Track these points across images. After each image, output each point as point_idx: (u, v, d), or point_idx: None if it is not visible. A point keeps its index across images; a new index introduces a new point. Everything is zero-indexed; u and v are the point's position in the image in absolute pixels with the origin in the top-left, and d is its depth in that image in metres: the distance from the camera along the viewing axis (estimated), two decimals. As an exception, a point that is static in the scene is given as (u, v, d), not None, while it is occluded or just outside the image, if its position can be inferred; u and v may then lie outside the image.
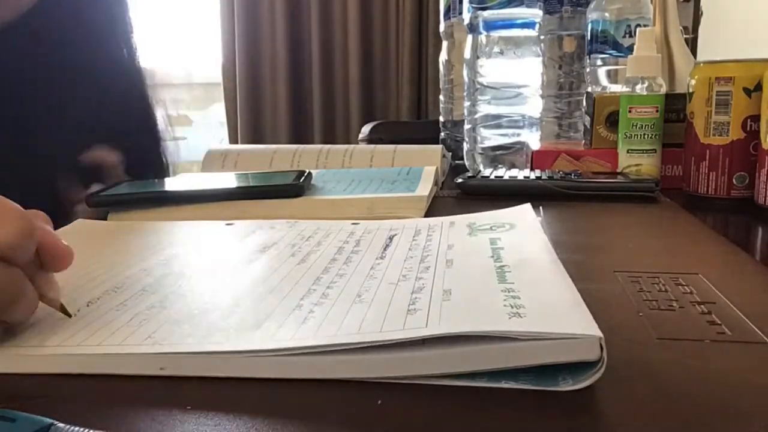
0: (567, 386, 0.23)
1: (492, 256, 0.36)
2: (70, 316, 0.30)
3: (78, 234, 0.49)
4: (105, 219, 0.55)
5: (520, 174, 0.65)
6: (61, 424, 0.20)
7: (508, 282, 0.30)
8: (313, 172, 0.65)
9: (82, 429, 0.20)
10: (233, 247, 0.42)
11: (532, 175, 0.64)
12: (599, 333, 0.23)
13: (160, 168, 0.73)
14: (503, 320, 0.25)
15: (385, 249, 0.40)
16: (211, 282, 0.35)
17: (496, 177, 0.64)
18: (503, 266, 0.33)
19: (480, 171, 0.68)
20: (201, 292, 0.33)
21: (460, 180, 0.65)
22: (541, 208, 0.47)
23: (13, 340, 0.28)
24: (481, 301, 0.28)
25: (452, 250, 0.38)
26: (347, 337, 0.25)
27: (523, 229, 0.42)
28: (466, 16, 0.79)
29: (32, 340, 0.28)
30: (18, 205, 0.28)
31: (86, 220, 0.53)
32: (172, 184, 0.63)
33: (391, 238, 0.42)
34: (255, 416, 0.23)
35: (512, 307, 0.26)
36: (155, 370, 0.26)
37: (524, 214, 0.46)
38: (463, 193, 0.64)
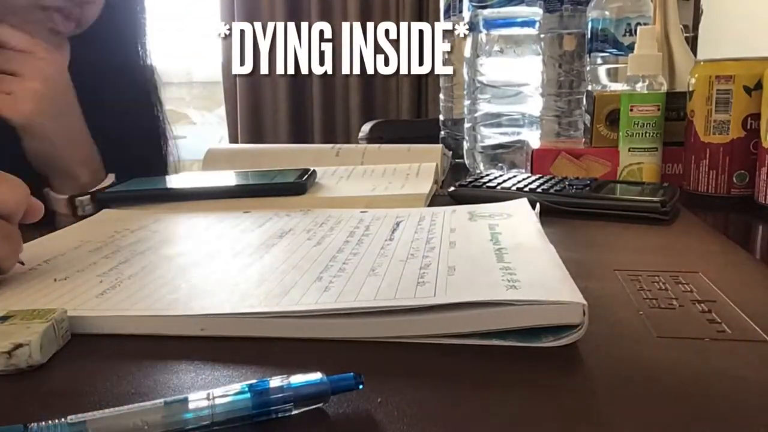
0: (549, 343, 0.26)
1: (491, 240, 0.38)
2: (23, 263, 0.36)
3: (105, 221, 0.51)
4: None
5: (516, 181, 0.61)
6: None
7: (506, 261, 0.33)
8: (319, 170, 0.65)
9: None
10: (253, 232, 0.45)
11: (528, 184, 0.59)
12: (583, 300, 0.26)
13: (163, 169, 0.73)
14: (501, 291, 0.28)
15: (393, 232, 0.43)
16: (237, 261, 0.38)
17: (487, 187, 0.60)
18: (501, 248, 0.36)
19: (474, 177, 0.63)
20: (230, 269, 0.36)
21: (451, 189, 0.61)
22: (537, 203, 0.47)
23: (72, 303, 0.31)
24: (481, 276, 0.31)
25: (455, 233, 0.41)
26: (365, 303, 0.28)
27: (519, 218, 0.44)
28: (467, 15, 0.79)
29: (89, 303, 0.31)
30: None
31: (111, 210, 0.55)
32: (177, 182, 0.63)
33: (398, 224, 0.45)
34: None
35: (509, 281, 0.29)
36: (196, 330, 0.28)
37: (520, 206, 0.48)
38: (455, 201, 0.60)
